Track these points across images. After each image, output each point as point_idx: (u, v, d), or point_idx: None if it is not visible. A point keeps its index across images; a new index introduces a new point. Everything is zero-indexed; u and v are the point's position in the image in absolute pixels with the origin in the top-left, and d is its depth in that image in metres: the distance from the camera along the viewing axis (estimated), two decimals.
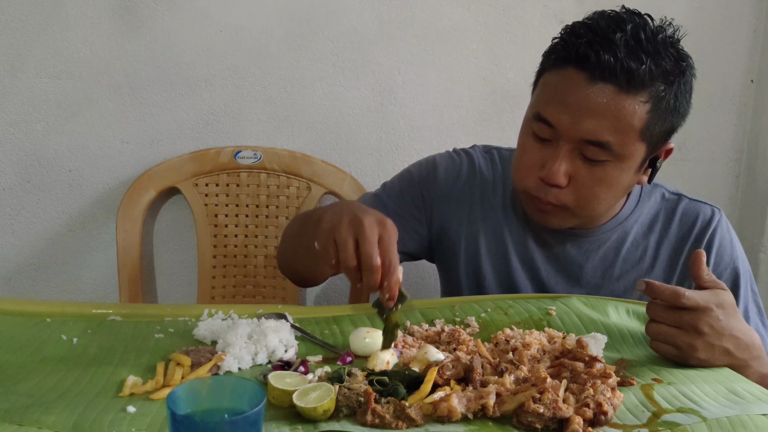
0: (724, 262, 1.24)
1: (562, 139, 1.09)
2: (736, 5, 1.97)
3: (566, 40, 1.09)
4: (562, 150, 1.09)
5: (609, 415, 0.79)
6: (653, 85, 1.05)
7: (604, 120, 1.05)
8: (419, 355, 0.93)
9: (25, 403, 0.79)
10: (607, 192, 1.13)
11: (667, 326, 0.95)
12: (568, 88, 1.07)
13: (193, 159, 1.75)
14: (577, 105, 1.06)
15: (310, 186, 1.79)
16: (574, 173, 1.10)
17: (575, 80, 1.06)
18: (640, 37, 1.04)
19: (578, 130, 1.07)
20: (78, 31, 1.67)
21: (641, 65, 1.03)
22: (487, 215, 1.28)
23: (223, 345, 0.94)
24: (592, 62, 1.04)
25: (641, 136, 1.08)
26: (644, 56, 1.04)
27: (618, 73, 1.04)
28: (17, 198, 1.74)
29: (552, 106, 1.09)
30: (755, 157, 2.04)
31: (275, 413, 0.79)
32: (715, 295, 0.96)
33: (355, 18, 1.78)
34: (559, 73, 1.09)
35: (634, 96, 1.05)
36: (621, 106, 1.05)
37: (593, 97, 1.05)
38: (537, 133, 1.11)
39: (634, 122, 1.06)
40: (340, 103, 1.82)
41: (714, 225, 1.24)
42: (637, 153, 1.10)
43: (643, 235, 1.26)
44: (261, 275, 1.81)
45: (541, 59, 1.16)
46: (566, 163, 1.09)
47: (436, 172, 1.31)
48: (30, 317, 1.04)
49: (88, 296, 1.81)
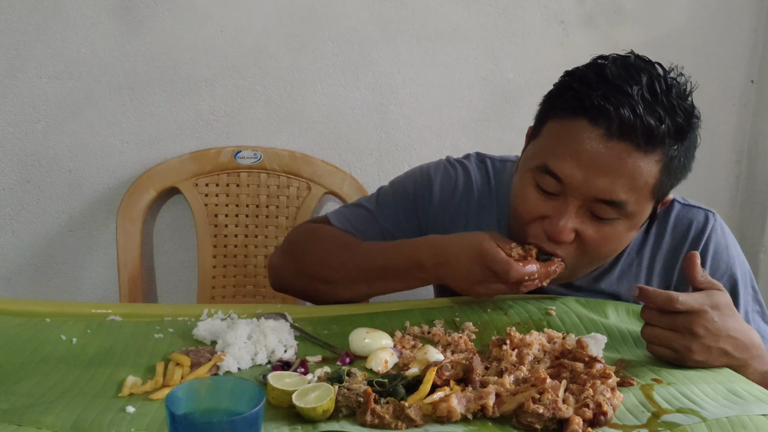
0: (721, 270, 1.20)
1: (570, 195, 1.02)
2: (736, 5, 1.97)
3: (577, 89, 1.01)
4: (570, 206, 1.02)
5: (609, 416, 0.79)
6: (667, 144, 1.00)
7: (620, 179, 0.99)
8: (419, 356, 0.93)
9: (25, 403, 0.79)
10: (613, 249, 1.09)
11: (662, 329, 0.95)
12: (580, 143, 1.00)
13: (193, 159, 1.75)
14: (591, 162, 0.99)
15: (310, 186, 1.79)
16: (581, 230, 1.04)
17: (589, 135, 0.99)
18: (655, 89, 0.98)
19: (591, 188, 1.00)
20: (78, 31, 1.67)
21: (661, 124, 0.98)
22: (480, 230, 1.22)
23: (223, 345, 0.94)
24: (610, 118, 0.97)
25: (652, 195, 1.04)
26: (662, 112, 0.98)
27: (637, 131, 0.97)
28: (17, 198, 1.74)
29: (562, 161, 1.01)
30: (755, 157, 2.03)
31: (275, 413, 0.79)
32: (710, 297, 0.95)
33: (355, 18, 1.78)
34: (568, 124, 1.02)
35: (649, 155, 1.00)
36: (637, 165, 0.99)
37: (609, 154, 0.99)
38: (542, 186, 1.04)
39: (648, 180, 1.01)
40: (340, 103, 1.82)
41: (708, 231, 1.20)
42: (646, 210, 1.06)
43: (637, 249, 1.21)
44: (261, 275, 1.81)
45: (543, 103, 1.09)
46: (573, 220, 1.03)
47: (431, 188, 1.27)
48: (30, 317, 1.04)
49: (88, 296, 1.81)
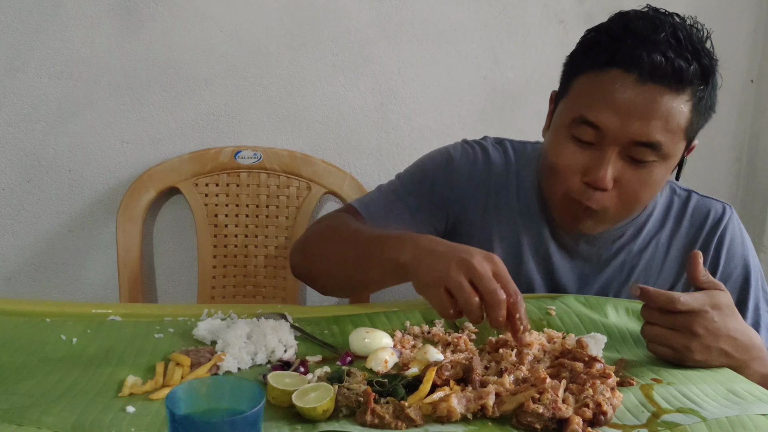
0: (736, 259, 1.24)
1: (608, 142, 1.07)
2: (736, 5, 1.97)
3: (606, 42, 1.07)
4: (608, 154, 1.07)
5: (608, 416, 0.79)
6: (695, 84, 1.06)
7: (655, 120, 1.05)
8: (419, 355, 0.93)
9: (25, 403, 0.79)
10: (650, 193, 1.13)
11: (662, 328, 0.95)
12: (615, 91, 1.05)
13: (193, 159, 1.75)
14: (627, 107, 1.05)
15: (310, 186, 1.79)
16: (619, 176, 1.09)
17: (623, 82, 1.05)
18: (678, 36, 1.05)
19: (628, 132, 1.05)
20: (78, 31, 1.67)
21: (689, 65, 1.04)
22: (500, 209, 1.27)
23: (223, 345, 0.94)
24: (642, 63, 1.03)
25: (685, 135, 1.09)
26: (688, 55, 1.04)
27: (668, 73, 1.03)
28: (17, 198, 1.74)
29: (598, 109, 1.06)
30: (755, 156, 2.04)
31: (274, 413, 0.79)
32: (711, 297, 0.95)
33: (355, 18, 1.78)
34: (601, 76, 1.07)
35: (680, 95, 1.05)
36: (670, 105, 1.05)
37: (644, 98, 1.04)
38: (579, 136, 1.09)
39: (681, 121, 1.07)
40: (340, 103, 1.82)
41: (726, 221, 1.25)
42: (679, 151, 1.11)
43: (656, 229, 1.26)
44: (261, 275, 1.81)
45: (568, 64, 1.14)
46: (613, 167, 1.08)
47: (451, 167, 1.29)
48: (30, 317, 1.04)
49: (88, 296, 1.81)
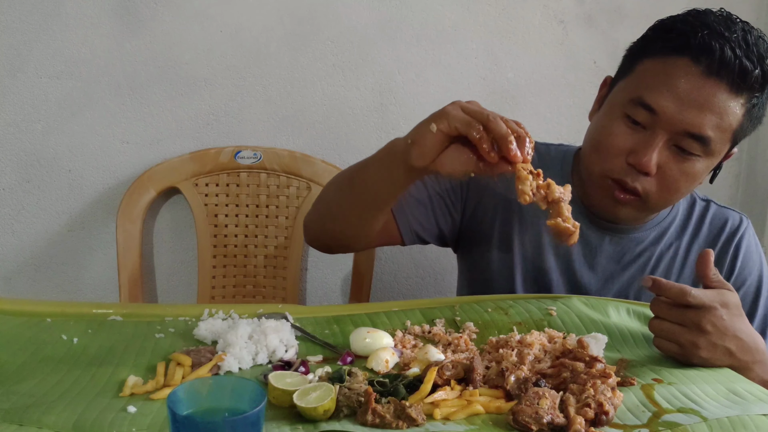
0: (750, 267, 1.26)
1: (660, 128, 1.08)
2: (736, 5, 1.97)
3: (681, 29, 1.07)
4: (657, 139, 1.08)
5: (610, 415, 0.79)
6: (754, 89, 1.06)
7: (711, 115, 1.06)
8: (419, 355, 0.93)
9: (26, 403, 0.79)
10: (688, 187, 1.14)
11: (670, 323, 0.96)
12: (679, 78, 1.06)
13: (193, 159, 1.75)
14: (687, 96, 1.05)
15: (310, 186, 1.79)
16: (663, 164, 1.10)
17: (689, 71, 1.06)
18: (748, 39, 1.05)
19: (683, 121, 1.06)
20: (78, 31, 1.67)
21: (755, 68, 1.04)
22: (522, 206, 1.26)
23: (224, 345, 0.94)
24: (713, 56, 1.04)
25: (732, 137, 1.10)
26: (755, 59, 1.04)
27: (734, 71, 1.04)
28: (17, 198, 1.74)
29: (658, 93, 1.07)
30: (755, 156, 2.03)
31: (275, 413, 0.79)
32: (721, 295, 0.96)
33: (355, 18, 1.78)
34: (669, 62, 1.08)
35: (738, 97, 1.06)
36: (727, 104, 1.06)
37: (705, 90, 1.05)
38: (633, 116, 1.10)
39: (733, 122, 1.07)
40: (340, 103, 1.82)
41: (742, 231, 1.28)
42: (723, 152, 1.12)
43: (677, 234, 1.27)
44: (261, 275, 1.81)
45: (634, 46, 1.15)
46: (659, 153, 1.08)
47: None
48: (30, 317, 1.04)
49: (88, 296, 1.81)
